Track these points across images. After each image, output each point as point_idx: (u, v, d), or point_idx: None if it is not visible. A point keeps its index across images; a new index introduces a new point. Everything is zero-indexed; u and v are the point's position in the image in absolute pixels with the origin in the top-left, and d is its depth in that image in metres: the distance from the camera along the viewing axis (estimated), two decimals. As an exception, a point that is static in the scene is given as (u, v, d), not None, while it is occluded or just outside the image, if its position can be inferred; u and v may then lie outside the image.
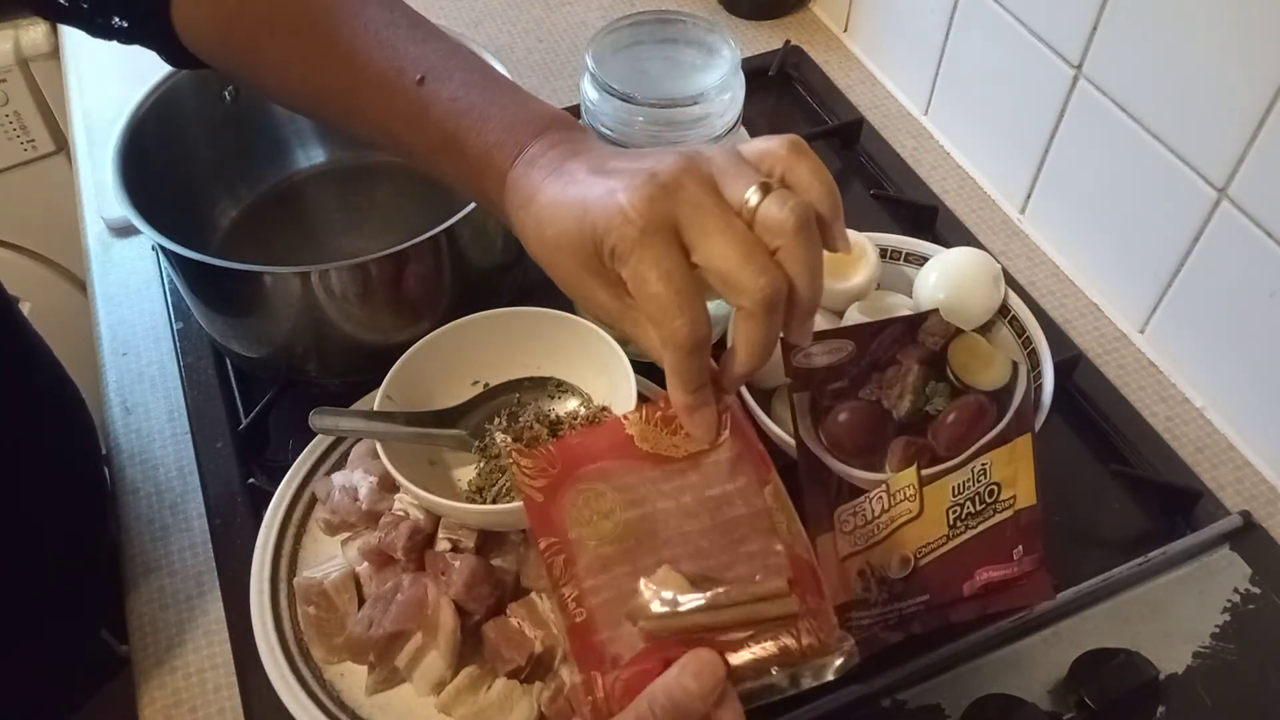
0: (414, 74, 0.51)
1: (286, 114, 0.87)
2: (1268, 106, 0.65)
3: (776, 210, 0.41)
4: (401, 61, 0.52)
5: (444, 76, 0.51)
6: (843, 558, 0.60)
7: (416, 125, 0.51)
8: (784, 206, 0.41)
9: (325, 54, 0.53)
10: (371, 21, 0.53)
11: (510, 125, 0.50)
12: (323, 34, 0.53)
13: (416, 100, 0.51)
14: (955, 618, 0.63)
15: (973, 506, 0.61)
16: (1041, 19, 0.82)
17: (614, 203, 0.42)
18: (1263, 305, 0.71)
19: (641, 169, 0.43)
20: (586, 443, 0.47)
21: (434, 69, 0.51)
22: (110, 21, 0.57)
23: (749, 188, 0.42)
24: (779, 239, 0.42)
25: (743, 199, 0.42)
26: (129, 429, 0.79)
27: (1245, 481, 0.75)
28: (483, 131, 0.50)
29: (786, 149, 0.44)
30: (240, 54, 0.57)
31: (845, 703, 0.62)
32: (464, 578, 0.60)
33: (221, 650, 0.67)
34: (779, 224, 0.41)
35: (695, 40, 0.71)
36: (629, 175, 0.43)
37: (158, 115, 0.76)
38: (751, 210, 0.42)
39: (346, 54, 0.52)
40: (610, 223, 0.42)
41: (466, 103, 0.51)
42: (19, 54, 1.30)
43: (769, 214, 0.41)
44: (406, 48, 0.53)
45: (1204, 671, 0.64)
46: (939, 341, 0.63)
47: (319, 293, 0.68)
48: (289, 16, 0.54)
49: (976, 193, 0.95)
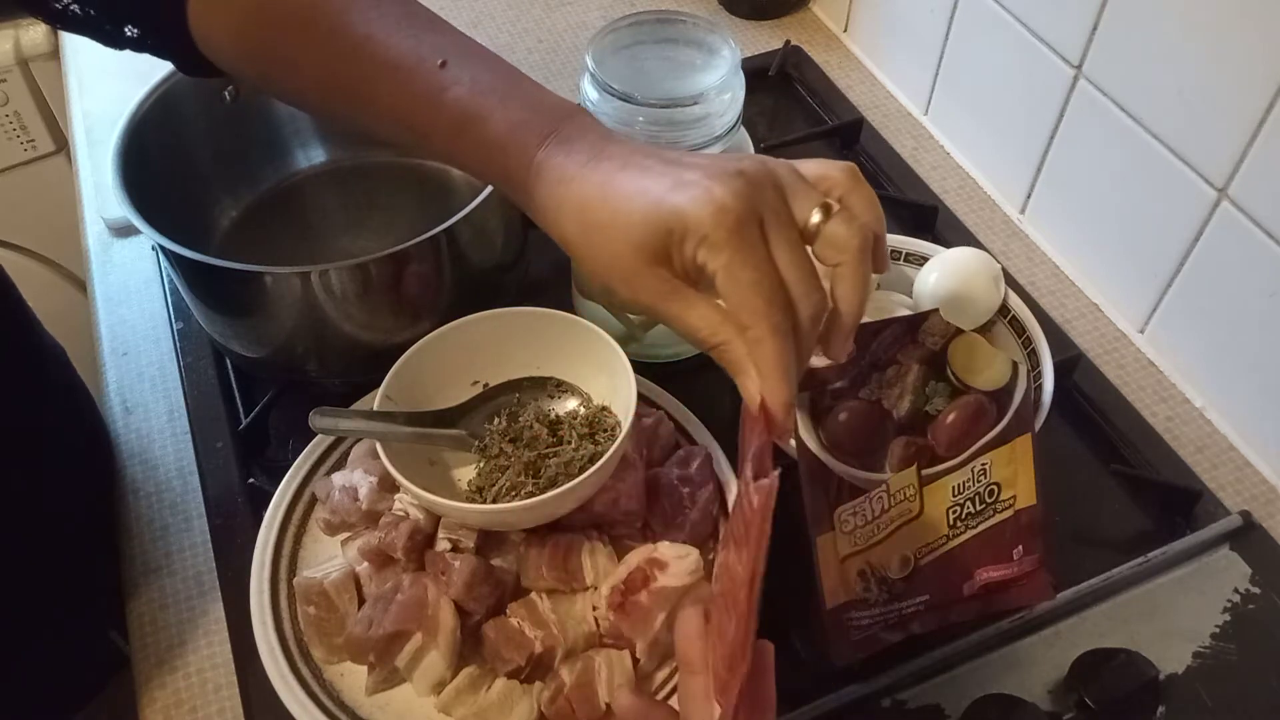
0: (434, 58, 0.51)
1: (287, 114, 0.87)
2: (1268, 106, 0.65)
3: (844, 230, 0.44)
4: (420, 47, 0.52)
5: (464, 60, 0.51)
6: (843, 558, 0.60)
7: (435, 106, 0.51)
8: (850, 227, 0.44)
9: (341, 44, 0.53)
10: (388, 12, 0.54)
11: (536, 107, 0.50)
12: (339, 26, 0.53)
13: (437, 82, 0.51)
14: (955, 618, 0.63)
15: (973, 506, 0.61)
16: (1041, 19, 0.82)
17: (705, 191, 0.42)
18: (1263, 305, 0.71)
19: (724, 165, 0.44)
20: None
21: (454, 54, 0.51)
22: (122, 30, 0.57)
23: (813, 207, 0.44)
24: (841, 256, 0.44)
25: (807, 217, 0.44)
26: (129, 429, 0.79)
27: (1245, 481, 0.75)
28: (508, 110, 0.49)
29: (845, 175, 0.46)
30: (256, 55, 0.57)
31: (845, 703, 0.62)
32: (464, 578, 0.60)
33: (221, 650, 0.67)
34: (844, 243, 0.44)
35: (695, 40, 0.71)
36: (712, 170, 0.44)
37: (158, 115, 0.76)
38: (815, 228, 0.44)
39: (363, 42, 0.52)
40: (703, 211, 0.42)
41: (490, 84, 0.51)
42: (19, 54, 1.30)
43: (836, 233, 0.44)
44: (424, 35, 0.53)
45: (1204, 671, 0.64)
46: (939, 341, 0.63)
47: (319, 293, 0.68)
48: (304, 12, 0.54)
49: (976, 193, 0.95)
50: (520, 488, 0.63)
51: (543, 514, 0.61)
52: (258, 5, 0.55)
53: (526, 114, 0.49)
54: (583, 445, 0.65)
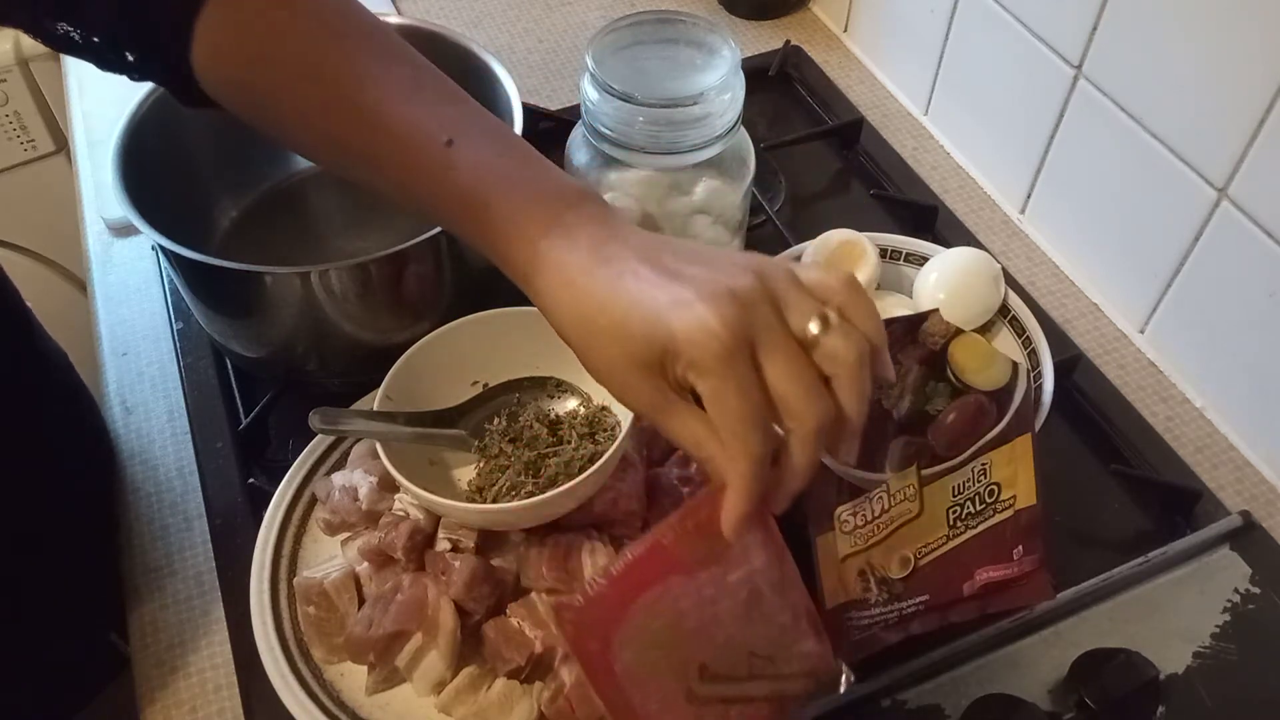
0: (442, 135, 0.50)
1: (286, 114, 0.87)
2: (1268, 106, 0.65)
3: (841, 344, 0.44)
4: (429, 122, 0.51)
5: (472, 139, 0.51)
6: (843, 558, 0.60)
7: (440, 186, 0.51)
8: (848, 340, 0.44)
9: (349, 109, 0.52)
10: (399, 79, 0.53)
11: (541, 193, 0.49)
12: (347, 88, 0.52)
13: (442, 161, 0.50)
14: (955, 618, 0.63)
15: (973, 506, 0.61)
16: (1041, 19, 0.82)
17: (696, 316, 0.42)
18: (1263, 305, 0.71)
19: (718, 281, 0.43)
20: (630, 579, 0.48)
21: (462, 131, 0.51)
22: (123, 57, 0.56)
23: (811, 317, 0.44)
24: (839, 369, 0.44)
25: (805, 328, 0.44)
26: (129, 429, 0.79)
27: (1245, 481, 0.75)
28: (511, 196, 0.49)
29: (844, 285, 0.46)
30: (261, 102, 0.56)
31: (845, 703, 0.62)
32: (464, 578, 0.60)
33: (221, 650, 0.67)
34: (842, 357, 0.44)
35: (695, 40, 0.71)
36: (705, 285, 0.43)
37: (158, 115, 0.76)
38: (813, 340, 0.44)
39: (372, 110, 0.52)
40: (693, 336, 0.42)
41: (495, 167, 0.50)
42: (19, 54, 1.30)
43: (833, 346, 0.44)
44: (434, 108, 0.52)
45: (1204, 671, 0.64)
46: (939, 341, 0.63)
47: (319, 293, 0.68)
48: (312, 69, 0.53)
49: (976, 193, 0.95)
50: (520, 488, 0.63)
51: (543, 514, 0.61)
52: (262, 57, 0.54)
53: (530, 202, 0.49)
54: (583, 445, 0.65)
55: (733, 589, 0.49)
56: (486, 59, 0.79)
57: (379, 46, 0.54)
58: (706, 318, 0.42)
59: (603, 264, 0.46)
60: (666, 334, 0.43)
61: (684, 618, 0.48)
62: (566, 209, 0.48)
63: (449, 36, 0.81)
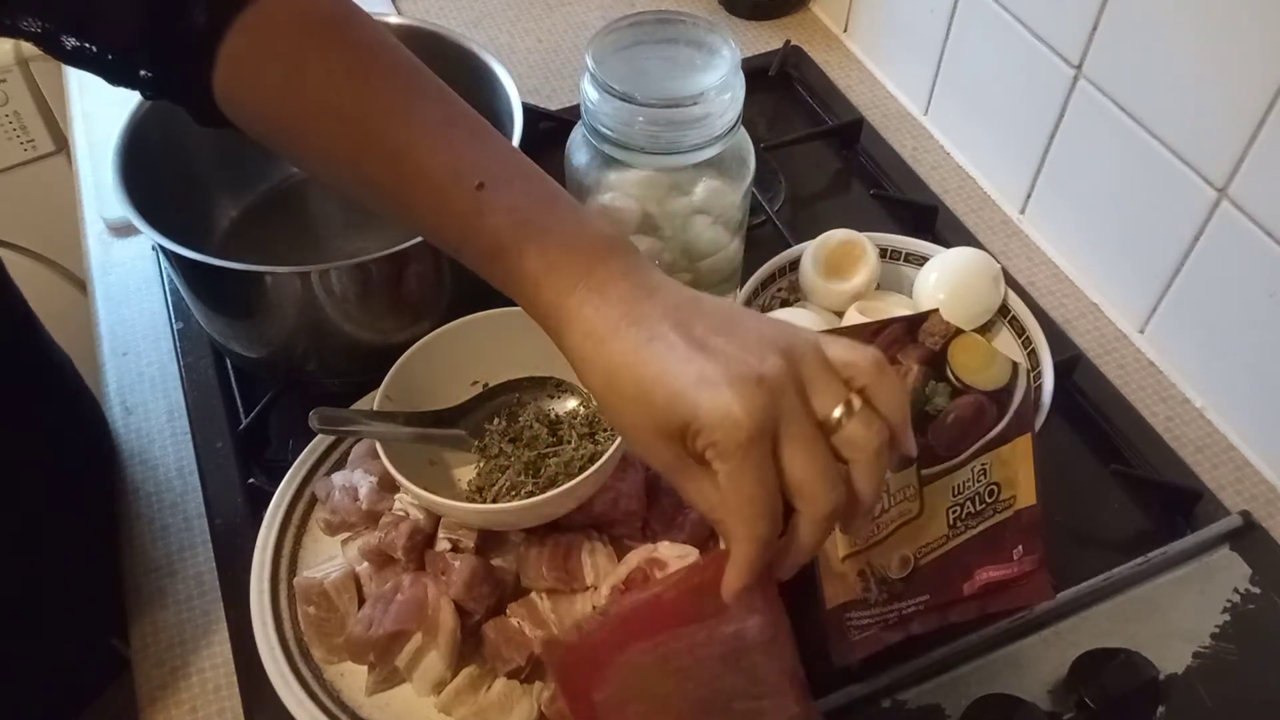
0: (473, 179, 0.49)
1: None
2: (1268, 106, 0.65)
3: (862, 432, 0.44)
4: (459, 164, 0.50)
5: (503, 182, 0.50)
6: (843, 558, 0.60)
7: (471, 229, 0.50)
8: (869, 429, 0.44)
9: (376, 148, 0.51)
10: (429, 119, 0.51)
11: (573, 244, 0.48)
12: (375, 127, 0.51)
13: (473, 206, 0.49)
14: (955, 618, 0.63)
15: (973, 506, 0.61)
16: (1041, 19, 0.82)
17: (721, 402, 0.42)
18: (1263, 305, 0.71)
19: (746, 364, 0.43)
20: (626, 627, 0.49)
21: (493, 174, 0.50)
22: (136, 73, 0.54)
23: (837, 404, 0.44)
24: (857, 456, 0.44)
25: (829, 414, 0.44)
26: (129, 429, 0.79)
27: (1245, 481, 0.75)
28: (544, 245, 0.48)
29: (871, 364, 0.45)
30: (283, 133, 0.54)
31: (845, 703, 0.62)
32: (464, 578, 0.60)
33: (221, 650, 0.67)
34: (863, 445, 0.44)
35: (695, 40, 0.71)
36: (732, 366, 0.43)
37: (158, 115, 0.76)
38: (835, 423, 0.44)
39: (401, 150, 0.50)
40: (715, 420, 0.42)
41: (526, 212, 0.49)
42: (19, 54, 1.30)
43: (855, 434, 0.44)
44: (464, 149, 0.51)
45: (1204, 671, 0.64)
46: (939, 341, 0.63)
47: (319, 293, 0.68)
48: (339, 105, 0.51)
49: (976, 193, 0.95)
50: (520, 487, 0.63)
51: (543, 514, 0.61)
52: (288, 88, 0.52)
53: (560, 253, 0.48)
54: (582, 445, 0.65)
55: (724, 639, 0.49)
56: (486, 59, 0.79)
57: (409, 83, 0.52)
58: (731, 405, 0.42)
59: (632, 325, 0.46)
60: (690, 411, 0.43)
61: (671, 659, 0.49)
62: (599, 262, 0.48)
63: (449, 36, 0.81)
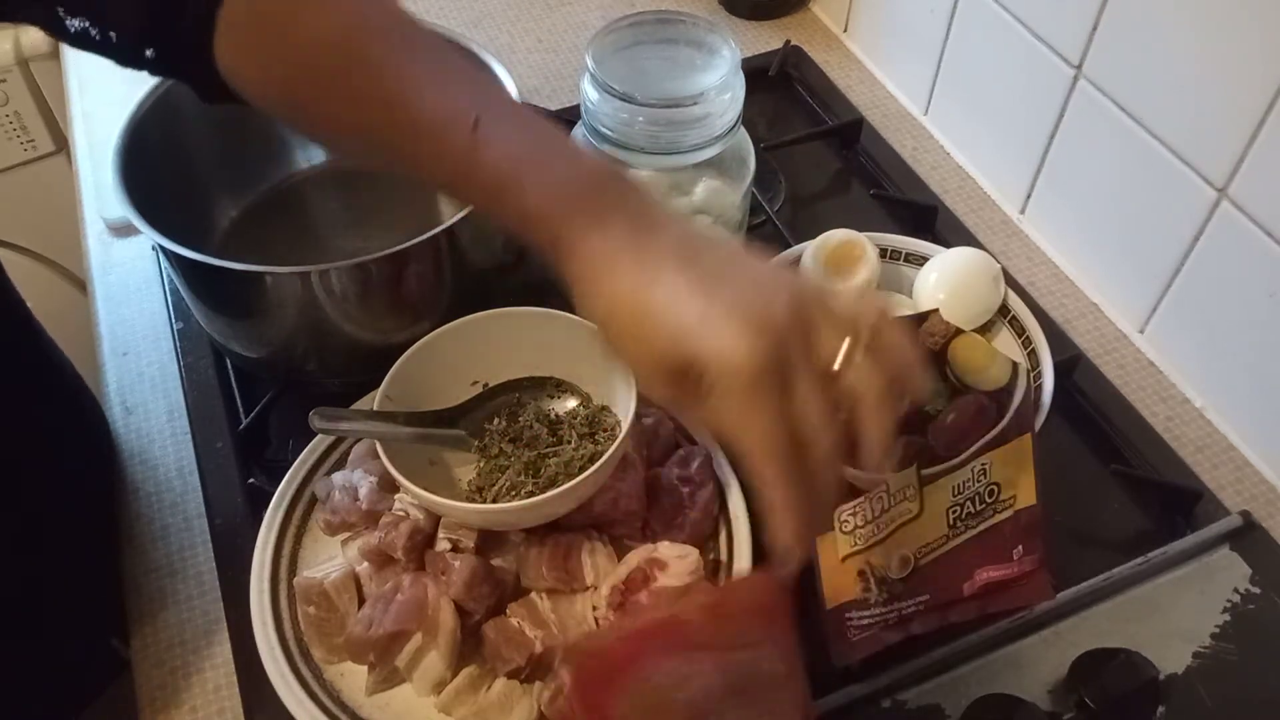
0: (468, 118, 0.50)
1: (286, 114, 0.87)
2: (1268, 106, 0.65)
3: (863, 380, 0.45)
4: (454, 104, 0.51)
5: (498, 121, 0.50)
6: (843, 558, 0.60)
7: (470, 169, 0.50)
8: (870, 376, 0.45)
9: (375, 101, 0.52)
10: (423, 67, 0.52)
11: (572, 175, 0.49)
12: (372, 77, 0.52)
13: (470, 144, 0.50)
14: (955, 618, 0.63)
15: (973, 506, 0.61)
16: (1041, 19, 0.82)
17: (725, 345, 0.42)
18: (1263, 305, 0.71)
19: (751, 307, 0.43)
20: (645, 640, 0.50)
21: (487, 112, 0.50)
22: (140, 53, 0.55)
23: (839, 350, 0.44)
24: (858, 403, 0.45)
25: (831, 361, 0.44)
26: (129, 429, 0.79)
27: (1245, 481, 0.75)
28: (543, 177, 0.49)
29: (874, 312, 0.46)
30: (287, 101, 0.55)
31: (845, 703, 0.62)
32: (464, 578, 0.60)
33: (221, 650, 0.67)
34: (861, 393, 0.45)
35: (695, 40, 0.71)
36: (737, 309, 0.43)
37: (158, 115, 0.76)
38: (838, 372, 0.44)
39: (397, 100, 0.51)
40: (719, 363, 0.42)
41: (523, 149, 0.50)
42: (19, 54, 1.30)
43: (854, 381, 0.45)
44: (458, 90, 0.52)
45: (1204, 671, 0.64)
46: (939, 341, 0.63)
47: (319, 293, 0.68)
48: (335, 59, 0.53)
49: (976, 193, 0.95)
50: (520, 487, 0.63)
51: (543, 514, 0.61)
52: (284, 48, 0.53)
53: (560, 186, 0.48)
54: (583, 445, 0.65)
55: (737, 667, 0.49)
56: (487, 59, 0.79)
57: (401, 35, 0.53)
58: (736, 348, 0.42)
59: (636, 262, 0.46)
60: (692, 351, 0.43)
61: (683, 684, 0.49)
62: (599, 195, 0.48)
63: (449, 36, 0.81)
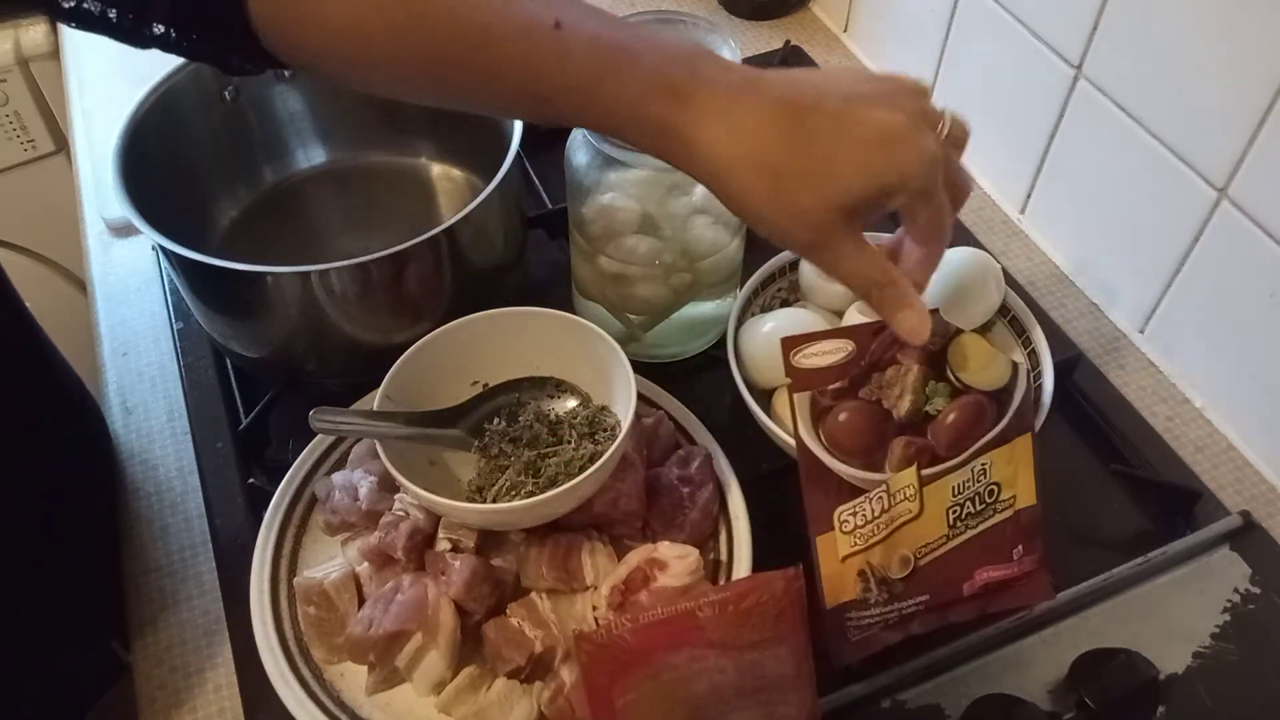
0: (547, 19, 0.49)
1: (286, 114, 0.87)
2: (1268, 106, 0.65)
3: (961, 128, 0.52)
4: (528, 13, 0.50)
5: (579, 19, 0.50)
6: (843, 558, 0.60)
7: (560, 68, 0.49)
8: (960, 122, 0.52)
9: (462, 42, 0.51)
10: None
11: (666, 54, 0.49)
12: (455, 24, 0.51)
13: (556, 45, 0.49)
14: (955, 618, 0.63)
15: (973, 506, 0.61)
16: (1041, 19, 0.82)
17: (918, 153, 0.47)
18: (1263, 305, 0.71)
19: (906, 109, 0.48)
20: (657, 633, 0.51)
21: (566, 15, 0.50)
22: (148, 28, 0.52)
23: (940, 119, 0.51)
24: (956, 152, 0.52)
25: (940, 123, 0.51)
26: (129, 429, 0.79)
27: (1245, 481, 0.75)
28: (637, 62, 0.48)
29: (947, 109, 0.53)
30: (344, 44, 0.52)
31: (845, 703, 0.62)
32: (464, 578, 0.60)
33: (221, 650, 0.67)
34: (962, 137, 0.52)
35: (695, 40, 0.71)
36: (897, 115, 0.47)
37: (158, 115, 0.76)
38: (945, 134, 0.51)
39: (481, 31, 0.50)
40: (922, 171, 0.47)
41: (612, 40, 0.50)
42: (19, 54, 1.30)
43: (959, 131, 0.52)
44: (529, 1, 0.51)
45: (1204, 671, 0.64)
46: (939, 341, 0.63)
47: (319, 293, 0.68)
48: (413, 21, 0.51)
49: (976, 193, 0.95)
50: (520, 487, 0.63)
51: (543, 514, 0.61)
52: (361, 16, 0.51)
53: (659, 61, 0.48)
54: (583, 445, 0.65)
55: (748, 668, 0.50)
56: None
57: None
58: (927, 148, 0.47)
59: (776, 107, 0.47)
60: (894, 175, 0.47)
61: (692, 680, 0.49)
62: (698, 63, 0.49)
63: None
